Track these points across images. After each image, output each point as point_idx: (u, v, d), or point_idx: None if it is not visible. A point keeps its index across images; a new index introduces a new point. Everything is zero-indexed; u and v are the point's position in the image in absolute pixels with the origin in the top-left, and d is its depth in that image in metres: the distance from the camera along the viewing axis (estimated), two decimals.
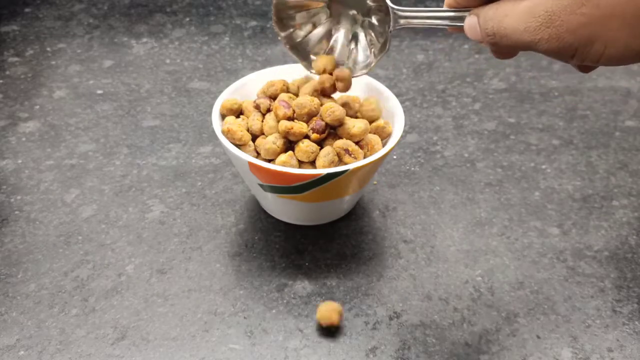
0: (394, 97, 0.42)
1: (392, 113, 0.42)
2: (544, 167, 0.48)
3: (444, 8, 0.34)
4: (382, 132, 0.41)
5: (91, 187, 0.45)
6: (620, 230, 0.43)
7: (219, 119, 0.41)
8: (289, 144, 0.39)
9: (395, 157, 0.49)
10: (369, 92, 0.43)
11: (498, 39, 0.30)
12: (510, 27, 0.29)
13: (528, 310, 0.38)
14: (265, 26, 0.64)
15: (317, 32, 0.40)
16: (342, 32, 0.40)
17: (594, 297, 0.39)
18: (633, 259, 0.41)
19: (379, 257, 0.41)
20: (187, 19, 0.65)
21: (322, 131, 0.38)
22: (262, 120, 0.40)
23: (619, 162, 0.49)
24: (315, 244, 0.42)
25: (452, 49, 0.62)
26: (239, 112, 0.42)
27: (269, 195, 0.40)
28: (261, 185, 0.39)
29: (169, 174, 0.47)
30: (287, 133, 0.38)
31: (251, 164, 0.37)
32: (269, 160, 0.38)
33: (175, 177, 0.46)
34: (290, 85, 0.42)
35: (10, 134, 0.50)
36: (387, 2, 0.35)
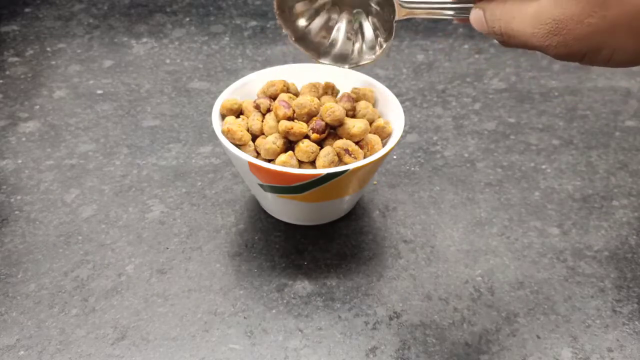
0: (394, 97, 0.42)
1: (392, 113, 0.42)
2: (544, 167, 0.48)
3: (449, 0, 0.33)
4: (382, 132, 0.41)
5: (91, 187, 0.45)
6: (620, 230, 0.43)
7: (219, 119, 0.41)
8: (289, 144, 0.39)
9: (395, 157, 0.49)
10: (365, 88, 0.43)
11: (506, 38, 0.30)
12: (519, 30, 0.29)
13: (528, 310, 0.38)
14: (265, 26, 0.64)
15: (320, 21, 0.40)
16: (344, 22, 0.40)
17: (594, 297, 0.39)
18: (633, 259, 0.41)
19: (379, 257, 0.41)
20: (187, 19, 0.65)
21: (322, 131, 0.38)
22: (262, 120, 0.40)
23: (619, 162, 0.49)
24: (315, 244, 0.42)
25: (452, 49, 0.62)
26: (239, 112, 0.42)
27: (269, 195, 0.40)
28: (261, 185, 0.39)
29: (169, 174, 0.47)
30: (287, 133, 0.38)
31: (251, 164, 0.37)
32: (269, 160, 0.38)
33: (175, 177, 0.46)
34: (291, 85, 0.42)
35: (10, 134, 0.50)
36: None
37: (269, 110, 0.40)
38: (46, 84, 0.55)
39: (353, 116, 0.41)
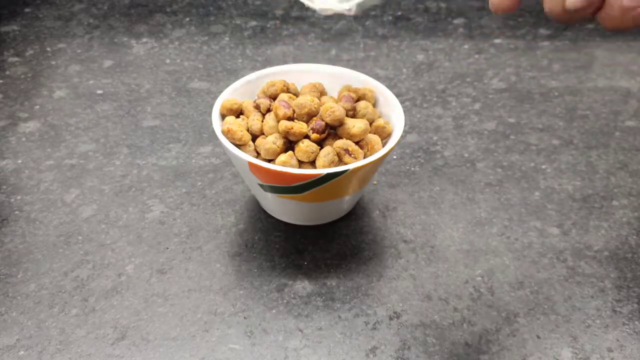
0: (394, 97, 0.42)
1: (392, 113, 0.42)
2: (544, 167, 0.48)
3: None
4: (382, 132, 0.41)
5: (91, 187, 0.45)
6: (620, 230, 0.43)
7: (219, 119, 0.41)
8: (289, 144, 0.39)
9: (395, 157, 0.49)
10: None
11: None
12: None
13: (528, 310, 0.38)
14: (265, 26, 0.64)
15: None
16: None
17: (594, 297, 0.39)
18: (633, 259, 0.41)
19: (379, 257, 0.41)
20: (187, 19, 0.65)
21: (322, 131, 0.38)
22: (262, 120, 0.40)
23: (619, 162, 0.49)
24: (315, 244, 0.42)
25: (452, 49, 0.62)
26: (239, 112, 0.42)
27: (269, 195, 0.40)
28: (261, 185, 0.39)
29: (169, 174, 0.47)
30: (287, 133, 0.38)
31: (251, 164, 0.37)
32: (269, 160, 0.38)
33: (175, 177, 0.46)
34: (291, 85, 0.42)
35: (10, 134, 0.50)
36: None
37: (269, 110, 0.40)
38: (46, 84, 0.55)
39: (353, 116, 0.41)
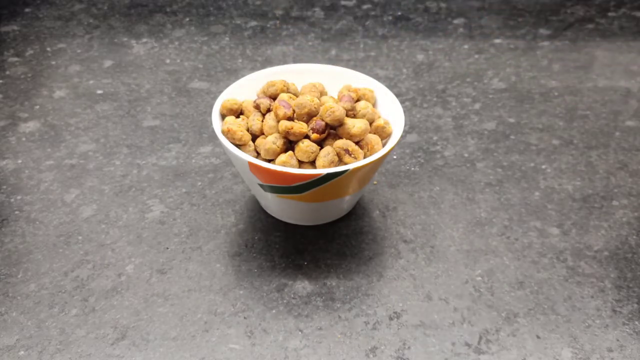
0: (394, 97, 0.42)
1: (392, 113, 0.42)
2: (544, 167, 0.48)
3: None
4: (382, 132, 0.41)
5: (91, 187, 0.45)
6: (620, 230, 0.43)
7: (219, 119, 0.41)
8: (289, 144, 0.39)
9: (395, 157, 0.49)
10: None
11: None
12: None
13: (528, 310, 0.38)
14: (265, 26, 0.64)
15: None
16: None
17: (594, 297, 0.39)
18: (633, 259, 0.41)
19: (379, 257, 0.41)
20: (187, 19, 0.65)
21: (322, 131, 0.38)
22: (262, 120, 0.40)
23: (619, 162, 0.49)
24: (315, 244, 0.42)
25: (452, 49, 0.62)
26: (239, 112, 0.42)
27: (269, 195, 0.40)
28: (261, 185, 0.39)
29: (169, 174, 0.47)
30: (287, 133, 0.38)
31: (251, 164, 0.37)
32: (269, 160, 0.38)
33: (175, 177, 0.46)
34: (291, 85, 0.42)
35: (10, 134, 0.50)
36: None
37: (269, 110, 0.40)
38: (46, 84, 0.55)
39: (353, 116, 0.41)
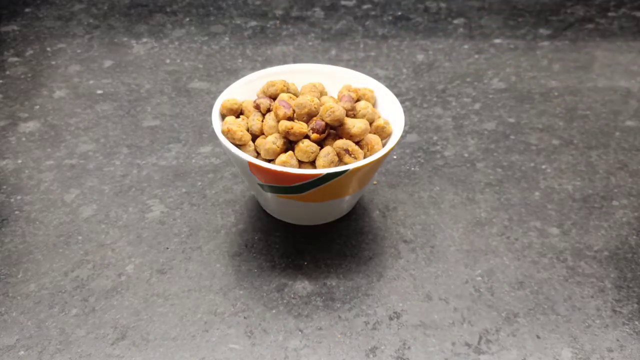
0: (394, 97, 0.42)
1: (392, 113, 0.42)
2: (544, 167, 0.48)
3: None
4: (382, 132, 0.41)
5: (91, 187, 0.45)
6: (620, 230, 0.43)
7: (219, 119, 0.41)
8: (289, 144, 0.39)
9: (395, 157, 0.49)
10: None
11: None
12: None
13: (528, 310, 0.38)
14: (265, 26, 0.64)
15: None
16: None
17: (594, 297, 0.39)
18: (633, 259, 0.41)
19: (379, 257, 0.41)
20: (187, 19, 0.65)
21: (322, 131, 0.38)
22: (262, 120, 0.40)
23: (619, 162, 0.49)
24: (315, 244, 0.42)
25: (452, 49, 0.62)
26: (239, 112, 0.42)
27: (269, 195, 0.40)
28: (261, 185, 0.39)
29: (169, 174, 0.47)
30: (287, 133, 0.38)
31: (251, 164, 0.37)
32: (269, 160, 0.38)
33: (175, 177, 0.46)
34: (291, 85, 0.42)
35: (10, 134, 0.50)
36: None
37: (269, 110, 0.40)
38: (46, 84, 0.55)
39: (353, 116, 0.41)
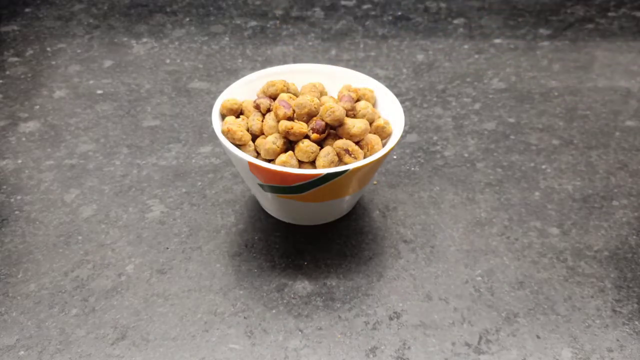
0: (394, 97, 0.42)
1: (392, 113, 0.42)
2: (544, 167, 0.48)
3: None
4: (382, 132, 0.41)
5: (91, 187, 0.45)
6: (620, 230, 0.43)
7: (219, 119, 0.41)
8: (289, 144, 0.39)
9: (395, 157, 0.49)
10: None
11: None
12: None
13: (528, 310, 0.38)
14: (265, 26, 0.64)
15: None
16: None
17: (594, 297, 0.39)
18: (633, 259, 0.41)
19: (379, 257, 0.41)
20: (187, 19, 0.65)
21: (322, 131, 0.38)
22: (262, 120, 0.40)
23: (619, 162, 0.49)
24: (315, 244, 0.42)
25: (452, 49, 0.62)
26: (239, 112, 0.42)
27: (269, 195, 0.40)
28: (261, 185, 0.39)
29: (169, 174, 0.47)
30: (287, 133, 0.38)
31: (251, 164, 0.37)
32: (269, 160, 0.38)
33: (175, 177, 0.46)
34: (291, 85, 0.42)
35: (10, 134, 0.50)
36: None
37: (269, 110, 0.40)
38: (46, 84, 0.55)
39: (353, 116, 0.41)
